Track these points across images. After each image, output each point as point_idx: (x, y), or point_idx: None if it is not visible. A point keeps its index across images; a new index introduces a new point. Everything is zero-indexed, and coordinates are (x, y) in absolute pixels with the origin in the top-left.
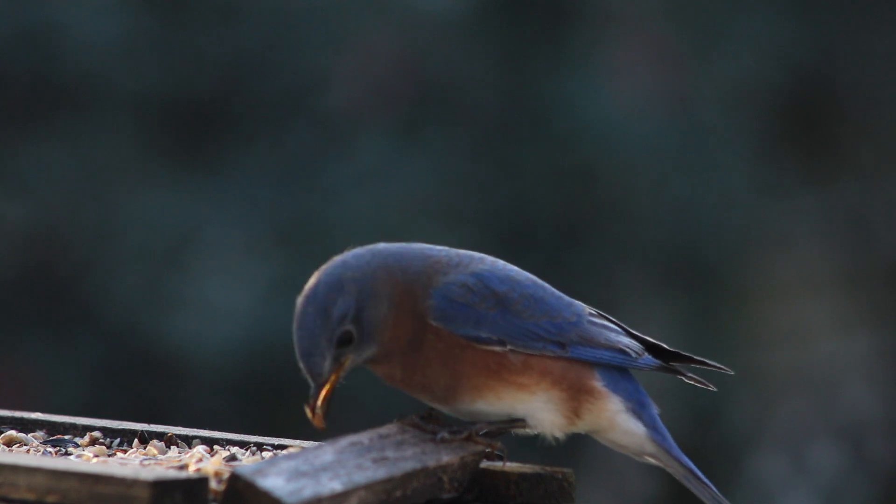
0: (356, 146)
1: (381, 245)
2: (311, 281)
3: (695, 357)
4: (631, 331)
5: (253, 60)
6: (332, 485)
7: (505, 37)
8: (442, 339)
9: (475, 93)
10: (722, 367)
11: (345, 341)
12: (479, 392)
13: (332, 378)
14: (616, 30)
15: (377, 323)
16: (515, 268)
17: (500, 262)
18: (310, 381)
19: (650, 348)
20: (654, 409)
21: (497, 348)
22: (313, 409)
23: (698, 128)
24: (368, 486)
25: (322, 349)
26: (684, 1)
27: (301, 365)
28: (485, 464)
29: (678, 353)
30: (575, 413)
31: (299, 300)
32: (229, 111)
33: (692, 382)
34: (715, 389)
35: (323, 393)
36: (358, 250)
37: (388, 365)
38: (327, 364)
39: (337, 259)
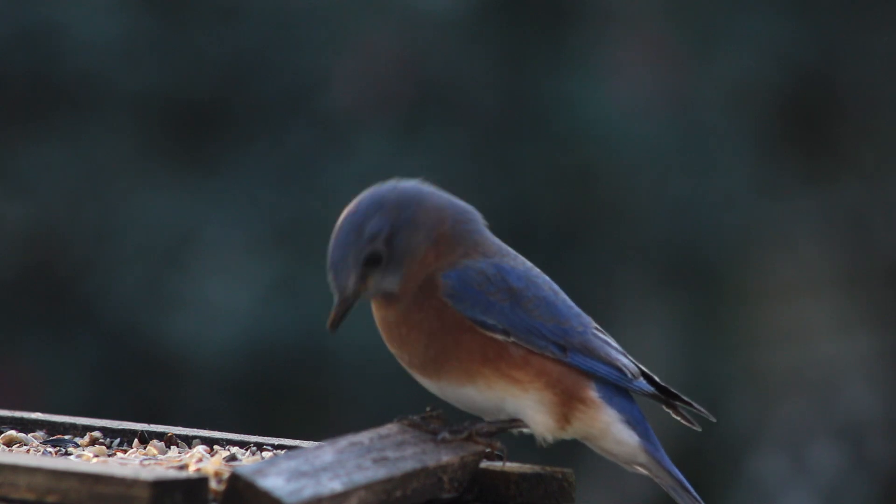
0: (356, 146)
1: (450, 195)
2: (357, 198)
3: (682, 396)
4: (628, 356)
5: (253, 60)
6: (332, 485)
7: (505, 37)
8: (444, 314)
9: (475, 93)
10: (705, 412)
11: (372, 261)
12: (471, 377)
13: (352, 296)
14: (616, 30)
15: (409, 251)
16: (541, 273)
17: (533, 269)
18: (334, 293)
19: (645, 377)
20: (648, 424)
21: (500, 337)
22: (332, 321)
23: (698, 128)
24: (368, 486)
25: (349, 264)
26: (684, 1)
27: (329, 277)
28: (485, 464)
29: (667, 388)
30: (565, 418)
31: (342, 213)
32: (229, 111)
33: (679, 419)
34: (700, 429)
35: (344, 308)
36: (421, 183)
37: (390, 307)
38: (352, 280)
39: (390, 182)
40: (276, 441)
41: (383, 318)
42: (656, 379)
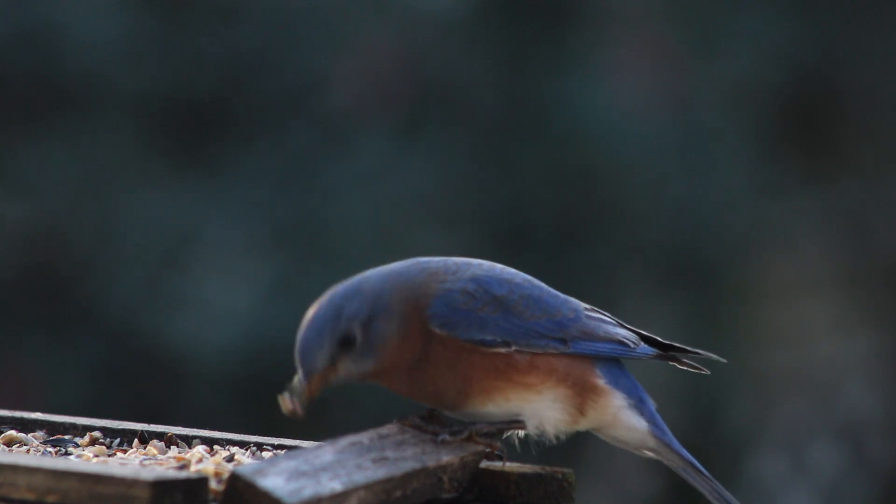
0: (356, 146)
1: (391, 265)
2: (331, 289)
3: (688, 348)
4: (625, 324)
5: (253, 60)
6: (332, 485)
7: (505, 37)
8: (448, 346)
9: (475, 93)
10: (714, 355)
11: (346, 342)
12: (489, 395)
13: (319, 378)
14: (616, 30)
15: (384, 338)
16: (511, 269)
17: (498, 266)
18: (299, 373)
19: (645, 340)
20: (653, 405)
21: (503, 349)
22: (292, 402)
23: (698, 128)
24: (368, 486)
25: (322, 342)
26: (684, 1)
27: (296, 357)
28: (485, 464)
29: (672, 344)
30: (579, 410)
31: (315, 303)
32: (229, 111)
33: (686, 368)
34: (708, 373)
35: (307, 391)
36: (375, 269)
37: (390, 382)
38: (321, 359)
39: (356, 276)
40: (276, 441)
41: (397, 390)
42: (658, 339)
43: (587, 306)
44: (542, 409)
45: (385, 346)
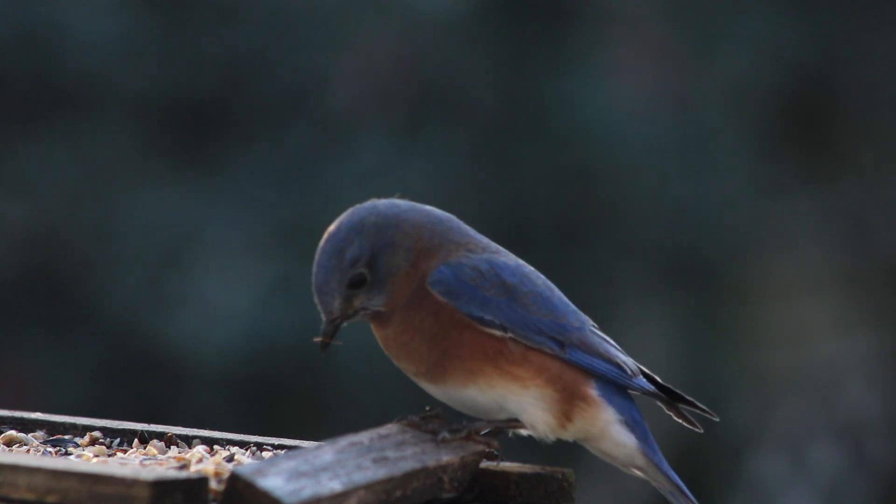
0: (356, 146)
1: (428, 207)
2: (338, 219)
3: (684, 395)
4: (626, 354)
5: (253, 60)
6: (332, 485)
7: (505, 37)
8: (441, 314)
9: (475, 93)
10: (708, 411)
11: (356, 283)
12: (472, 376)
13: (341, 317)
14: (616, 30)
15: (390, 272)
16: (534, 270)
17: (525, 265)
18: (322, 315)
19: (644, 375)
20: (646, 426)
21: (498, 333)
22: (323, 342)
23: (698, 128)
24: (368, 486)
25: (333, 288)
26: (684, 1)
27: (315, 300)
28: (485, 464)
29: (669, 388)
30: (566, 416)
31: (323, 236)
32: (229, 111)
33: (680, 420)
34: (701, 430)
35: (332, 329)
36: (397, 200)
37: (387, 323)
38: (337, 303)
39: (369, 202)
40: (276, 441)
41: (384, 336)
42: (658, 379)
43: (595, 325)
44: (527, 406)
45: (393, 278)
